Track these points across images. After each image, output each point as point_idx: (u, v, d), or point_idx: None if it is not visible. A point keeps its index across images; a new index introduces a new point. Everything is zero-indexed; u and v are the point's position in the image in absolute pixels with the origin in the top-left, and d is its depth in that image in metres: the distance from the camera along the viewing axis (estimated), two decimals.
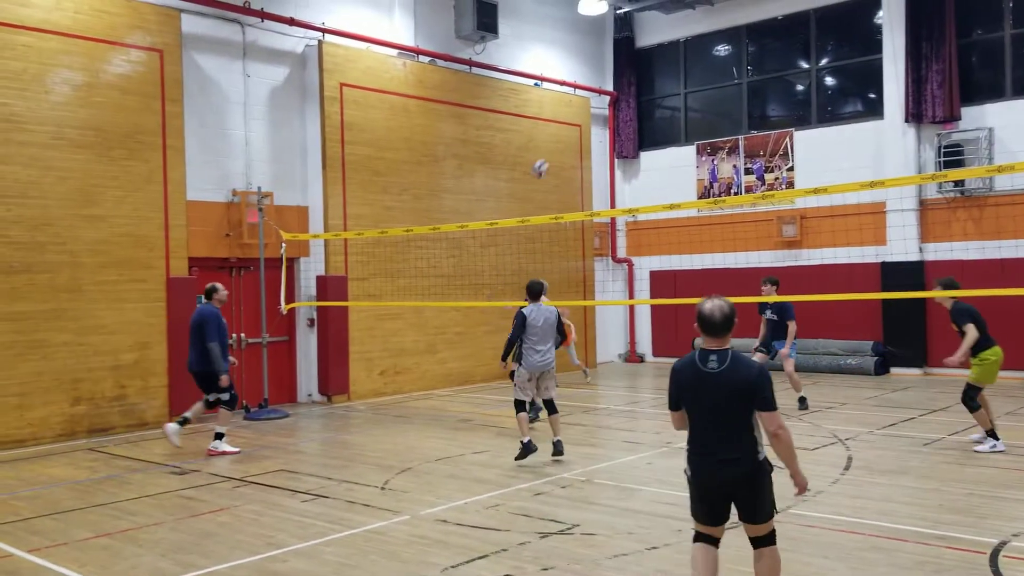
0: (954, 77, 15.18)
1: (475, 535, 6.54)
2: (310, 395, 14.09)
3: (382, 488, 8.07)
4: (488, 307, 15.07)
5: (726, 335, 4.53)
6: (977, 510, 6.89)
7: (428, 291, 14.95)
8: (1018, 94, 15.02)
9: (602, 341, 19.18)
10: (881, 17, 16.24)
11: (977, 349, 9.06)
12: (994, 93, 15.34)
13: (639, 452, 9.53)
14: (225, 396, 9.89)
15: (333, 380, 13.83)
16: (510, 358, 9.19)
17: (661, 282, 18.99)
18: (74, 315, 11.15)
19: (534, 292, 9.16)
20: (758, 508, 4.56)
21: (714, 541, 4.70)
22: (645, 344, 19.83)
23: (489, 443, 10.22)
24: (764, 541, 4.61)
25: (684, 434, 4.72)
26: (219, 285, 10.22)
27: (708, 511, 4.65)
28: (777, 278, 12.53)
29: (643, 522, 6.81)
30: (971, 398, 9.13)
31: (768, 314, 12.16)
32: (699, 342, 17.31)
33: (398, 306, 14.46)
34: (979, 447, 9.15)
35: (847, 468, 8.47)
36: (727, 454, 4.49)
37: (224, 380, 9.78)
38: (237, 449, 9.97)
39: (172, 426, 9.99)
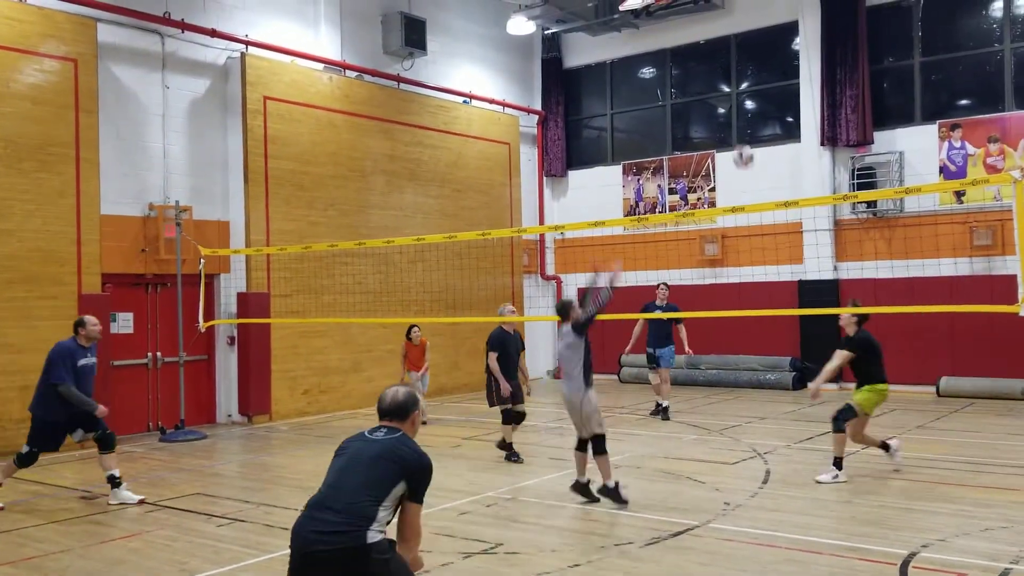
0: (867, 102, 15.77)
1: None
2: (230, 415, 13.72)
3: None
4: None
5: (397, 420, 4.10)
6: (888, 522, 7.09)
7: (354, 308, 14.77)
8: (927, 119, 15.68)
9: (531, 357, 19.14)
10: (798, 43, 16.79)
11: (872, 378, 8.61)
12: (904, 118, 15.99)
13: (566, 469, 9.52)
14: (23, 449, 8.27)
15: (254, 400, 13.50)
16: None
17: None
18: None
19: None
20: None
21: None
22: None
23: None
24: None
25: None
26: (88, 318, 8.52)
27: None
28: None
29: (567, 539, 6.83)
30: (844, 419, 8.55)
31: (658, 313, 12.60)
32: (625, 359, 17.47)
33: (323, 323, 14.23)
34: (822, 476, 8.50)
35: (765, 482, 8.64)
36: (331, 519, 3.73)
37: (102, 410, 8.25)
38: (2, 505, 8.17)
39: (112, 493, 8.31)
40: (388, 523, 3.92)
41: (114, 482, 8.32)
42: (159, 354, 12.92)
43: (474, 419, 13.47)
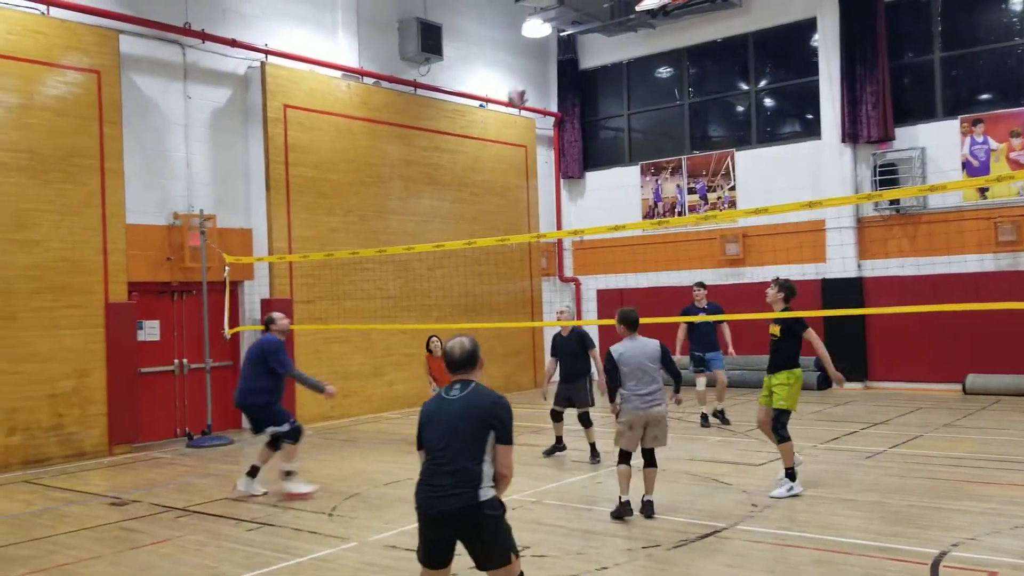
0: (887, 98, 15.65)
1: None
2: None
3: (329, 514, 7.95)
4: (432, 329, 14.98)
5: (469, 370, 4.47)
6: (918, 521, 7.04)
7: (375, 313, 14.84)
8: (948, 115, 15.54)
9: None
10: (817, 40, 16.69)
11: (790, 363, 8.08)
12: (926, 114, 15.84)
13: (588, 471, 9.55)
14: (284, 427, 8.65)
15: None
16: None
17: (608, 301, 19.11)
18: (8, 343, 10.79)
19: (630, 322, 7.72)
20: (487, 552, 4.22)
21: None
22: None
23: None
24: None
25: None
26: (276, 315, 9.22)
27: (425, 550, 4.31)
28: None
29: (593, 542, 6.82)
30: (784, 425, 8.01)
31: (702, 316, 12.13)
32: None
33: (344, 329, 14.31)
34: (777, 491, 7.93)
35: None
36: (446, 484, 4.20)
37: (331, 390, 9.04)
38: (313, 487, 8.62)
39: (243, 480, 8.79)
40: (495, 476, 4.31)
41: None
42: (185, 361, 13.04)
43: None
